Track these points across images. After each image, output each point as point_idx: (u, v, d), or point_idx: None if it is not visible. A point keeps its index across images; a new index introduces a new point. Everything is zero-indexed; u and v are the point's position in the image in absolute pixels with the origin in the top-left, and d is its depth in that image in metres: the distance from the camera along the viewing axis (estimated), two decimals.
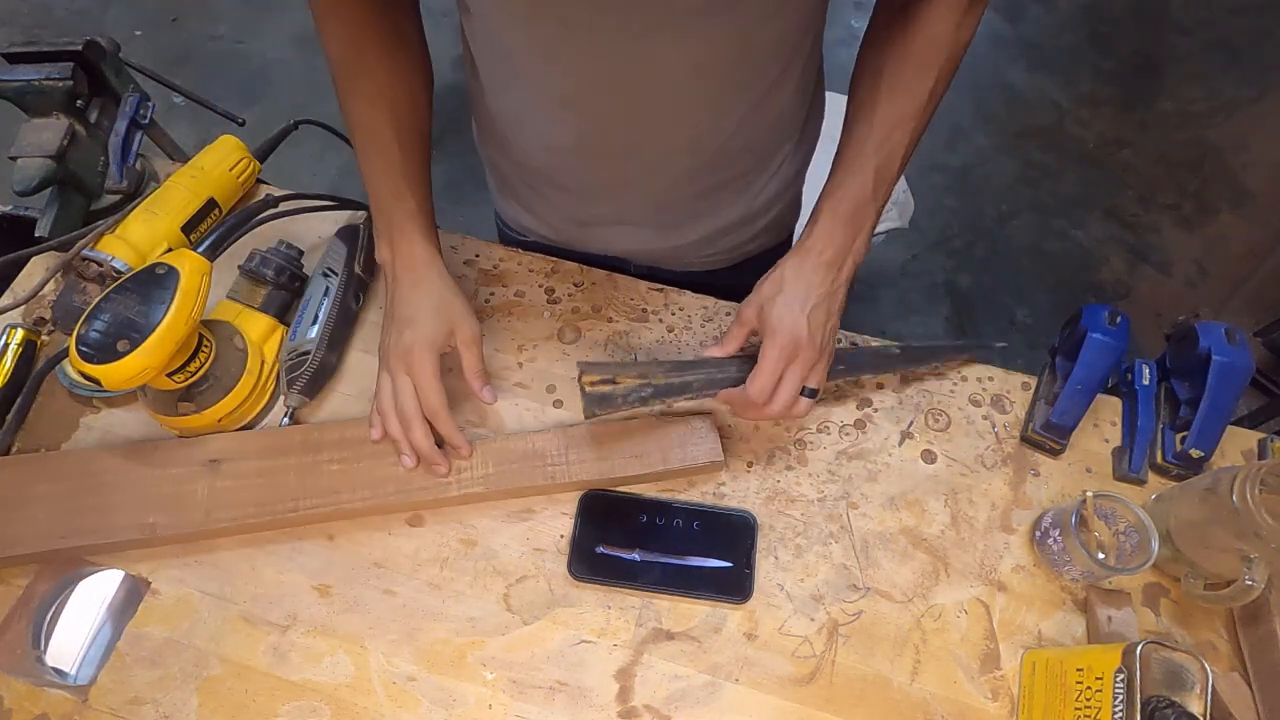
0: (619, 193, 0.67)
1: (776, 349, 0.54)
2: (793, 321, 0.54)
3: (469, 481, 0.60)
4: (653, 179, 0.64)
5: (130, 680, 0.54)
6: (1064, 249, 1.92)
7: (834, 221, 0.55)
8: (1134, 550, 0.56)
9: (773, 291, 0.56)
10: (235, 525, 0.57)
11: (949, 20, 0.53)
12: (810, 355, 0.55)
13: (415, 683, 0.54)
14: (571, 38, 0.51)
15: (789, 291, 0.55)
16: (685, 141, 0.60)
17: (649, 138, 0.59)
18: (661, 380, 0.57)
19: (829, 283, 0.55)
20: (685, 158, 0.62)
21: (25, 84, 0.68)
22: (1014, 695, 0.55)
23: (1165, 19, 2.35)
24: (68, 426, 0.64)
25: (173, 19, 2.29)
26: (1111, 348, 0.61)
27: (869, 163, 0.55)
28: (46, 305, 0.69)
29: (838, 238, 0.55)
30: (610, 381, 0.56)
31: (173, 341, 0.53)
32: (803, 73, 0.61)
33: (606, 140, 0.60)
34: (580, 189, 0.67)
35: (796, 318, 0.54)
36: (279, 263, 0.66)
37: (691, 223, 0.70)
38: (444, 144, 2.07)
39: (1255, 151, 2.06)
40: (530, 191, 0.71)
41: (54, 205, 0.70)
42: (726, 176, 0.66)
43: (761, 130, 0.62)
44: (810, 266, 0.55)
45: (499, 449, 0.61)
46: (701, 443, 0.62)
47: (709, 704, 0.54)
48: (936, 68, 0.53)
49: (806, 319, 0.54)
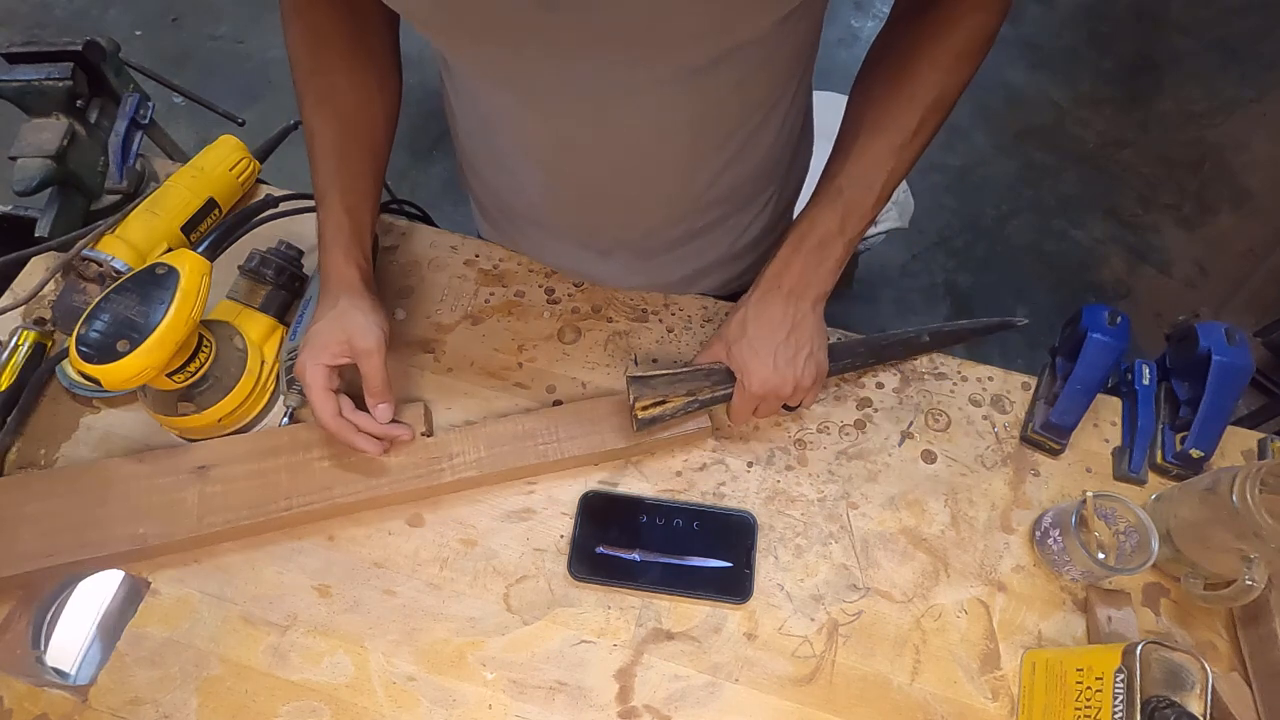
0: (596, 237, 0.66)
1: (746, 396, 0.57)
2: (758, 368, 0.55)
3: (462, 466, 0.60)
4: (630, 226, 0.64)
5: (130, 680, 0.54)
6: (1064, 249, 1.92)
7: (797, 252, 0.56)
8: (1134, 550, 0.56)
9: (738, 334, 0.56)
10: (229, 529, 0.57)
11: (943, 60, 0.51)
12: (782, 392, 0.56)
13: (415, 683, 0.54)
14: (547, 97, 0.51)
15: (752, 334, 0.56)
16: (663, 192, 0.60)
17: (626, 189, 0.59)
18: (707, 394, 0.58)
19: (791, 316, 0.55)
20: (663, 206, 0.61)
21: (25, 84, 0.68)
22: (1014, 695, 0.55)
23: (1165, 19, 2.35)
24: (68, 427, 0.64)
25: (173, 19, 2.29)
26: (1111, 348, 0.61)
27: (839, 197, 0.54)
28: (46, 305, 0.69)
29: (797, 268, 0.55)
30: (661, 402, 0.57)
31: (172, 342, 0.53)
32: (786, 117, 0.60)
33: (582, 192, 0.60)
34: (557, 232, 0.67)
35: (762, 364, 0.55)
36: (279, 263, 0.66)
37: (673, 264, 0.69)
38: (444, 144, 2.07)
39: (1255, 151, 2.06)
40: (509, 225, 0.71)
41: (54, 205, 0.70)
42: (707, 221, 0.65)
43: (742, 177, 0.62)
44: (772, 302, 0.56)
45: (489, 433, 0.61)
46: None
47: (709, 704, 0.54)
48: (922, 107, 0.52)
49: (772, 361, 0.55)
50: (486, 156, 0.63)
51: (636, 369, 0.61)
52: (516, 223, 0.70)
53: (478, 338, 0.69)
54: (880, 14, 2.35)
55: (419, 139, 0.88)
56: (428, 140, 1.89)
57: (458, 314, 0.70)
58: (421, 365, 0.67)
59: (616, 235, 0.65)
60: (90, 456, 0.63)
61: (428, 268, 0.73)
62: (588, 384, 0.67)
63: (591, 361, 0.68)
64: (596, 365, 0.68)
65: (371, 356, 0.57)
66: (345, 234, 0.59)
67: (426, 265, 0.73)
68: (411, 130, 0.83)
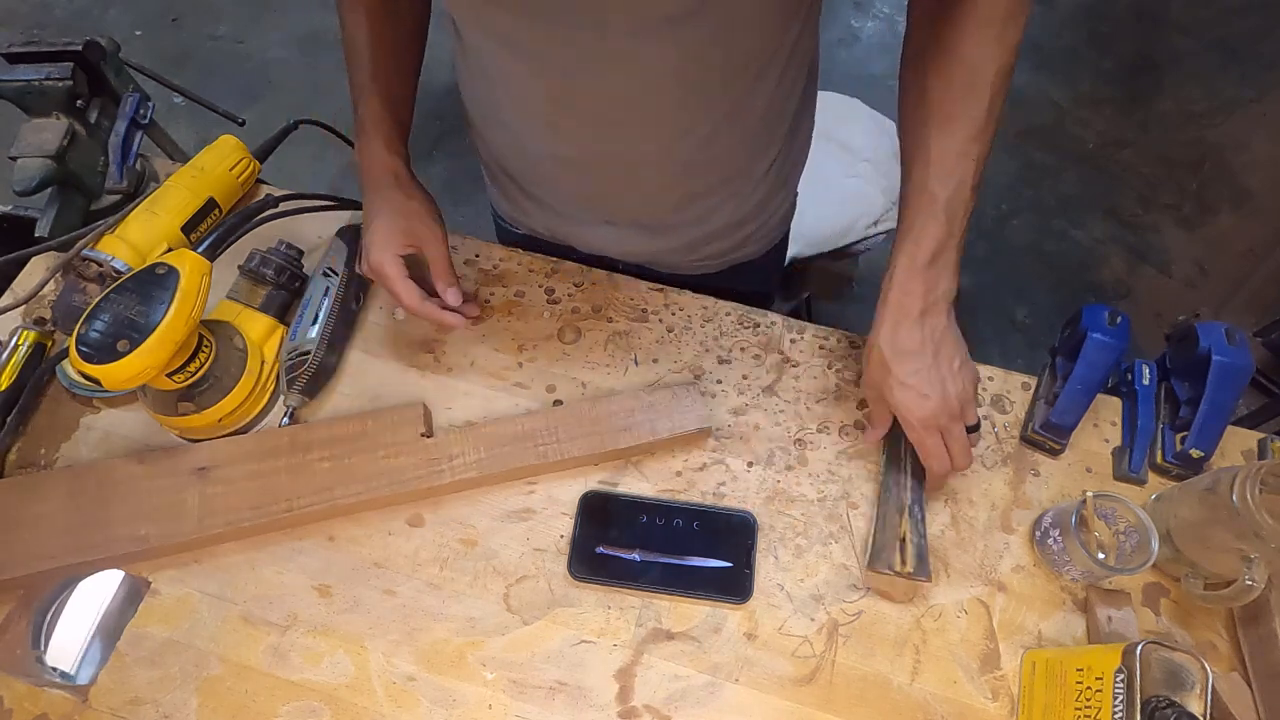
0: (598, 201, 0.67)
1: (919, 434, 0.55)
2: (916, 403, 0.54)
3: (461, 468, 0.60)
4: (630, 187, 0.64)
5: (130, 680, 0.54)
6: (1064, 249, 1.92)
7: (912, 273, 0.53)
8: (1134, 550, 0.56)
9: (881, 375, 0.55)
10: (230, 530, 0.57)
11: (988, 33, 0.49)
12: (950, 413, 0.54)
13: (415, 683, 0.54)
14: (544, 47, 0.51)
15: (897, 372, 0.54)
16: (659, 150, 0.60)
17: (623, 147, 0.59)
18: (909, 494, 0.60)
19: (929, 337, 0.54)
20: (661, 166, 0.61)
21: (25, 84, 0.68)
22: (1014, 695, 0.55)
23: (1165, 19, 2.35)
24: (68, 427, 0.64)
25: (173, 19, 2.29)
26: (1111, 348, 0.61)
27: (936, 202, 0.52)
28: (46, 305, 0.69)
29: (919, 289, 0.53)
30: (903, 540, 0.58)
31: (173, 341, 0.53)
32: (783, 76, 0.59)
33: (582, 151, 0.60)
34: (560, 195, 0.68)
35: (916, 398, 0.54)
36: (279, 263, 0.66)
37: (676, 228, 0.69)
38: (444, 145, 2.07)
39: (1255, 151, 2.06)
40: (517, 190, 0.72)
41: (54, 205, 0.70)
42: (706, 184, 0.65)
43: (739, 136, 0.61)
44: (907, 331, 0.54)
45: (489, 434, 0.61)
46: (689, 411, 0.63)
47: (709, 704, 0.54)
48: (988, 85, 0.50)
49: (927, 385, 0.53)
50: (489, 118, 0.65)
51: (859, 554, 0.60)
52: (523, 186, 0.71)
53: (478, 338, 0.69)
54: (880, 14, 2.35)
55: (419, 139, 0.88)
56: (428, 140, 1.89)
57: None
58: (422, 365, 0.67)
59: (617, 198, 0.66)
60: (90, 456, 0.63)
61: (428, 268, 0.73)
62: (588, 384, 0.67)
63: (592, 361, 0.68)
64: (597, 365, 0.68)
65: (439, 244, 0.62)
66: (387, 125, 0.61)
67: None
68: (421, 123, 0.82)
